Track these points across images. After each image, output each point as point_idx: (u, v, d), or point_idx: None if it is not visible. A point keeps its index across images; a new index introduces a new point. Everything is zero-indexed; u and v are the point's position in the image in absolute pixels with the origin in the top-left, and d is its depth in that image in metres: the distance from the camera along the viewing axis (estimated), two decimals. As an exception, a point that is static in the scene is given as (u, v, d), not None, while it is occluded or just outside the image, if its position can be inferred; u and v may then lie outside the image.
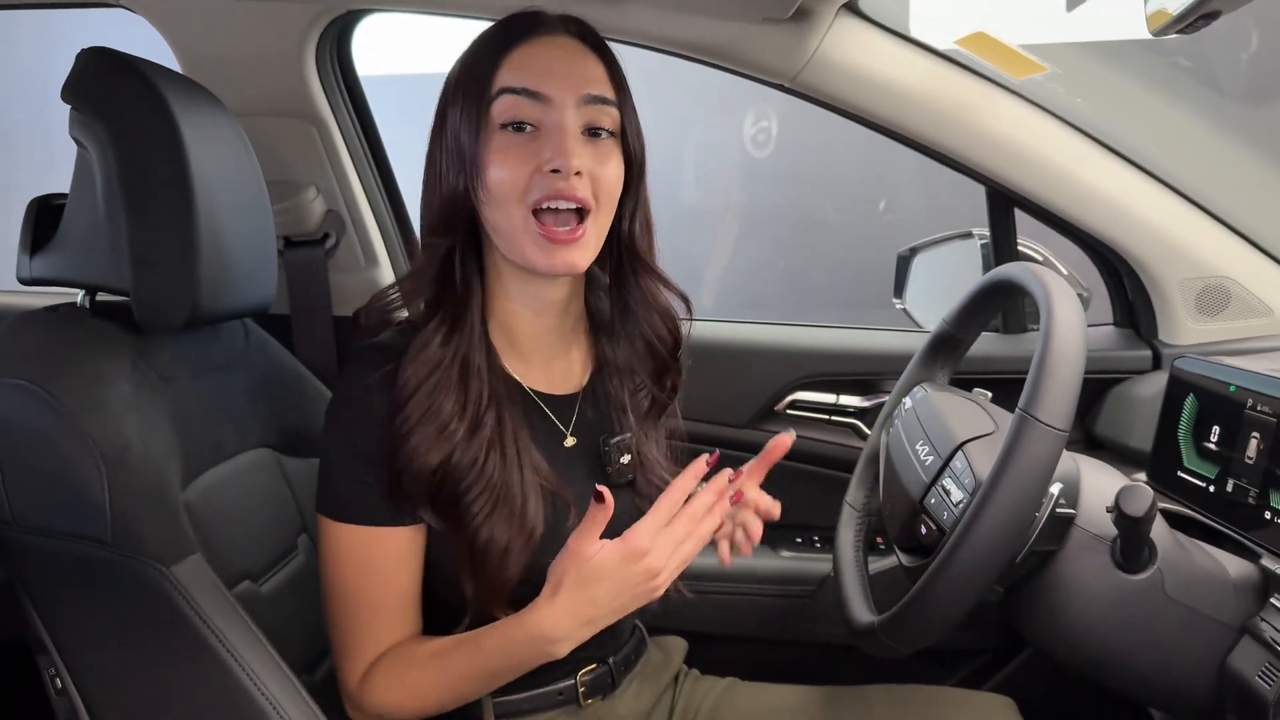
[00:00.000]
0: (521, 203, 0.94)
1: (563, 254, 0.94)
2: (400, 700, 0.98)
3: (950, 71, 1.40)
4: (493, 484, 0.96)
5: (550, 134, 0.94)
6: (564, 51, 0.97)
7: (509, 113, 0.94)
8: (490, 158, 0.94)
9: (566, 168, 0.92)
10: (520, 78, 0.94)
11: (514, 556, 0.96)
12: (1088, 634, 1.00)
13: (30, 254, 1.10)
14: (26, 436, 0.95)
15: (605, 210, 0.98)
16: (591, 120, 0.96)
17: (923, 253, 1.70)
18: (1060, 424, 0.90)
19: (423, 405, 0.95)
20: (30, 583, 0.97)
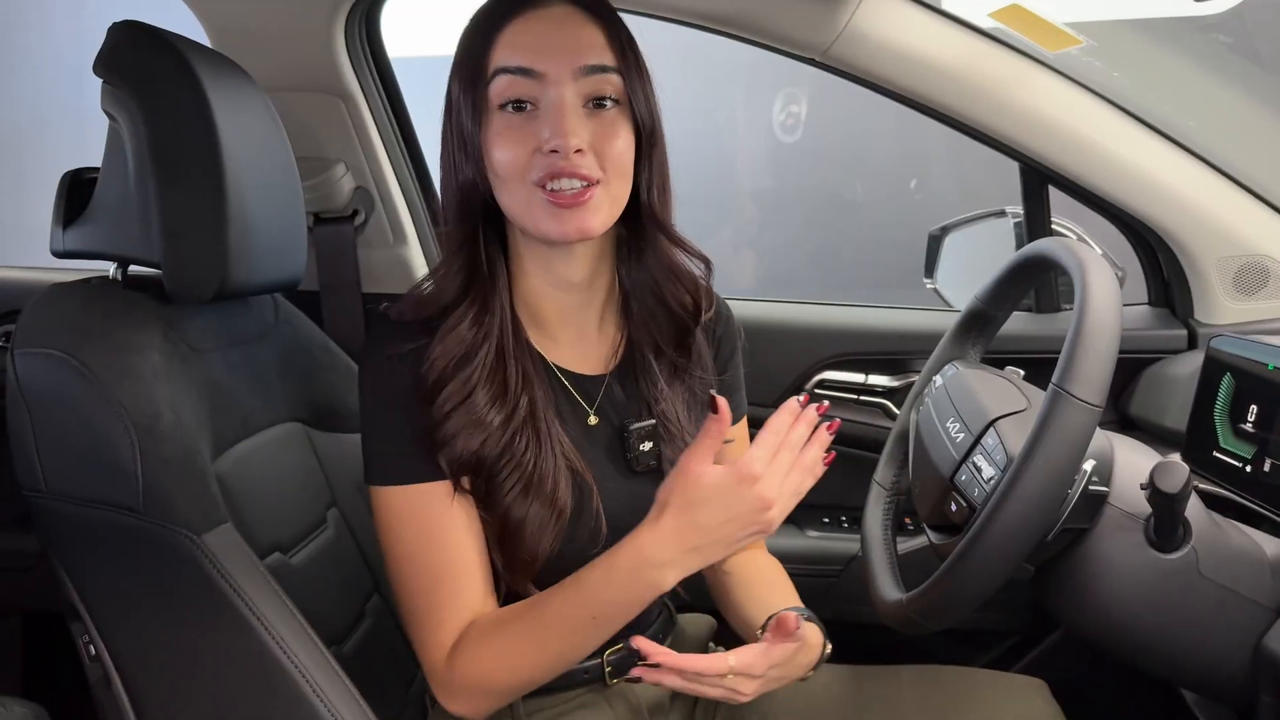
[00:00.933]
0: (525, 181, 0.92)
1: (574, 219, 0.92)
2: (498, 665, 0.94)
3: (984, 45, 1.38)
4: (524, 465, 0.95)
5: (548, 112, 0.91)
6: (557, 23, 0.93)
7: (505, 93, 0.92)
8: (491, 140, 0.93)
9: (565, 148, 0.90)
10: (513, 55, 0.92)
11: (544, 535, 0.96)
12: (1120, 613, 0.99)
13: (63, 227, 1.11)
14: (59, 405, 0.96)
15: (616, 180, 0.95)
16: (593, 91, 0.93)
17: (954, 232, 1.69)
18: (1095, 399, 0.89)
19: (459, 394, 0.94)
20: (63, 550, 0.98)
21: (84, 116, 3.81)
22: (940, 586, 0.97)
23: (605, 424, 1.05)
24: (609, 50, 0.94)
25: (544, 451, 0.97)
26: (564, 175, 0.91)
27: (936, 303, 1.69)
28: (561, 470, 0.97)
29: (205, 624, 0.95)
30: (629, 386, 1.07)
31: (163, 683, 0.97)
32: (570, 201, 0.91)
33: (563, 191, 0.91)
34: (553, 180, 0.91)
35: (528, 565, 0.96)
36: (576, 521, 0.98)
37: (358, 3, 1.48)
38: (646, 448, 1.04)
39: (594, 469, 1.01)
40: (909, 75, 1.38)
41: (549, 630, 0.92)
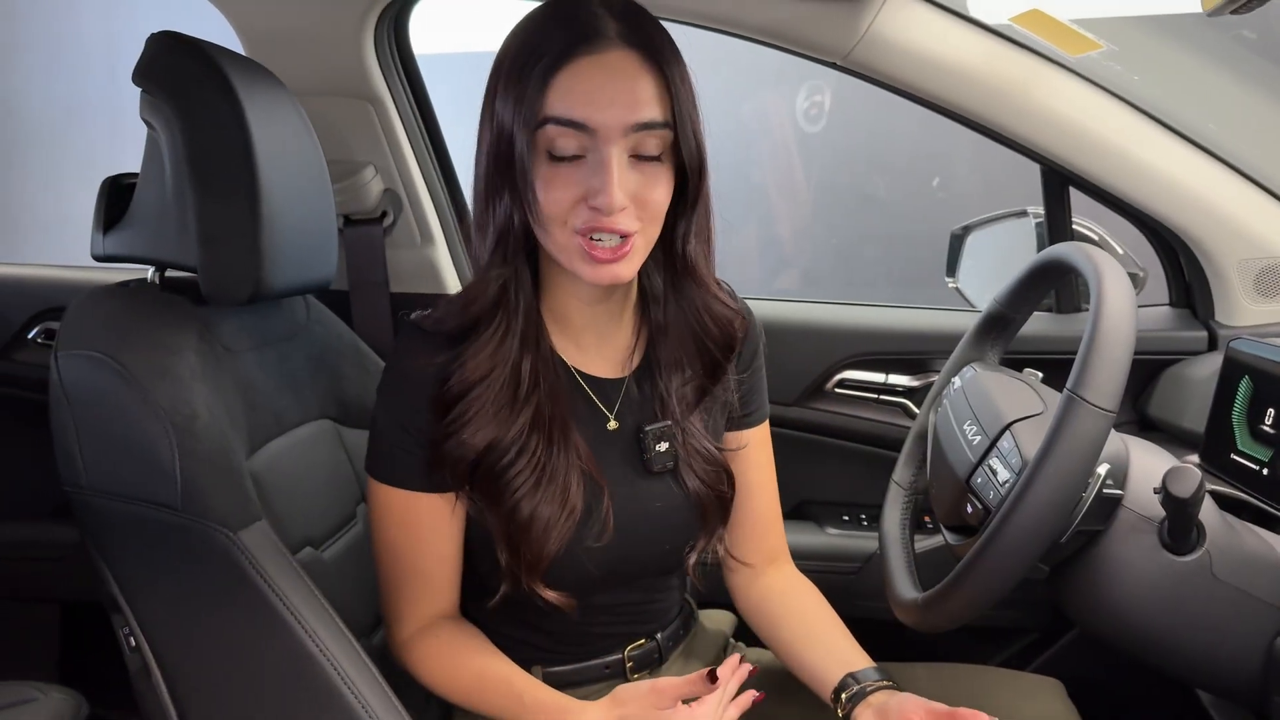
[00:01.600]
0: (566, 226, 0.93)
1: (609, 269, 0.94)
2: (436, 684, 1.05)
3: (1005, 49, 1.39)
4: (536, 462, 0.98)
5: (596, 166, 0.91)
6: (613, 73, 0.91)
7: (555, 143, 0.91)
8: (537, 183, 0.93)
9: (610, 207, 0.90)
10: (567, 106, 0.90)
11: (554, 533, 0.98)
12: (1134, 614, 1.00)
13: (103, 232, 1.14)
14: (100, 405, 1.00)
15: (652, 225, 0.96)
16: (638, 147, 0.92)
17: (976, 231, 1.70)
18: (1108, 405, 0.90)
19: (479, 402, 0.98)
20: (104, 544, 1.02)
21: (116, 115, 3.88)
22: (955, 587, 0.99)
23: (623, 427, 1.07)
24: (659, 104, 0.92)
25: (556, 451, 0.99)
26: (605, 230, 0.92)
27: (958, 301, 1.70)
28: (574, 471, 1.00)
29: (241, 617, 0.98)
30: (646, 387, 1.09)
31: (200, 673, 1.00)
32: (609, 256, 0.93)
33: (602, 244, 0.92)
34: (593, 233, 0.92)
35: (535, 564, 0.99)
36: (585, 521, 1.00)
37: (386, 8, 1.51)
38: (663, 448, 1.06)
39: (610, 471, 1.03)
40: (930, 79, 1.39)
41: (482, 700, 1.02)
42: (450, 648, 1.05)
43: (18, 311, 1.74)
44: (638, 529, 1.04)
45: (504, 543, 1.00)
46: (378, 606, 1.26)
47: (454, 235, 1.71)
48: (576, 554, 1.00)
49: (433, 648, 1.05)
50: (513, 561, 0.99)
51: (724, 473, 1.10)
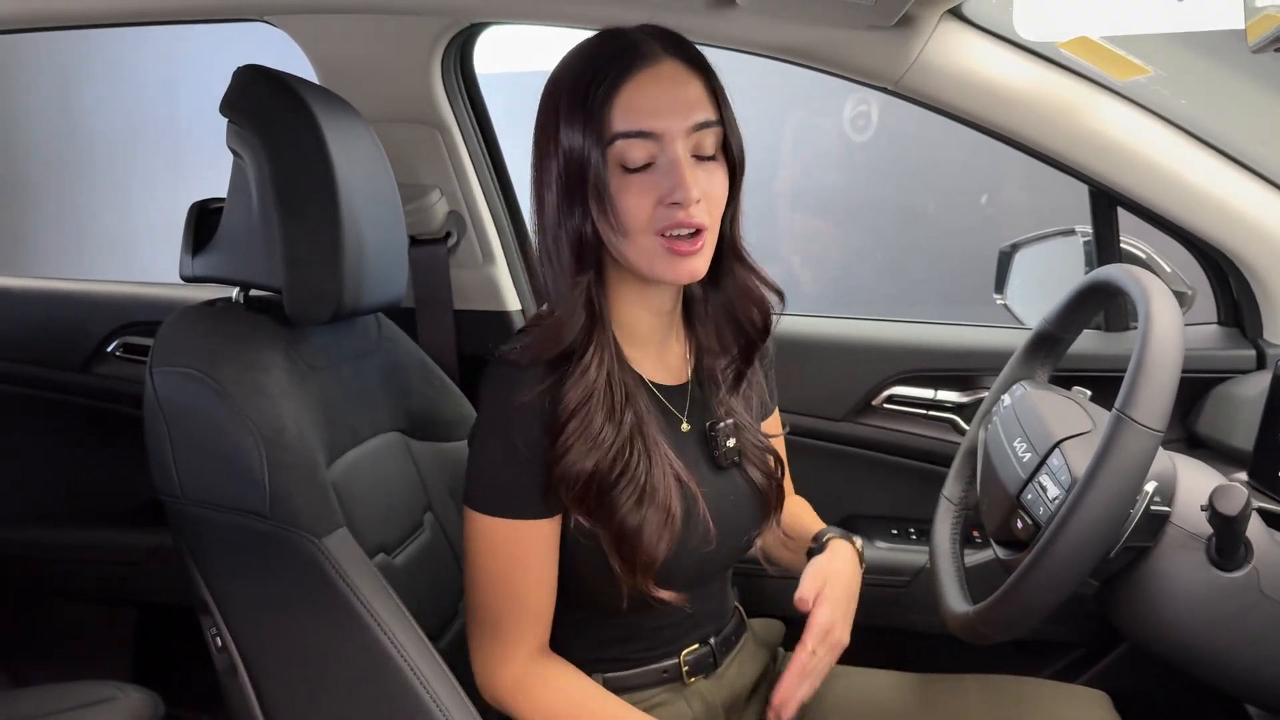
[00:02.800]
0: (647, 231, 0.99)
1: (687, 265, 1.00)
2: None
3: (1054, 74, 1.42)
4: (638, 477, 1.03)
5: (667, 169, 0.98)
6: (668, 82, 0.99)
7: (627, 156, 0.98)
8: (615, 196, 0.99)
9: (687, 200, 0.97)
10: (632, 120, 0.97)
11: (660, 540, 1.03)
12: (1182, 629, 1.02)
13: (192, 254, 1.21)
14: (195, 419, 1.06)
15: (716, 220, 1.03)
16: (698, 146, 1.00)
17: (1024, 249, 1.71)
18: (1156, 424, 0.92)
19: (581, 424, 1.01)
20: (196, 550, 1.08)
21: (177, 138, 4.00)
22: (1006, 600, 1.01)
23: (695, 430, 1.13)
24: (709, 104, 1.01)
25: (654, 462, 1.04)
26: (683, 225, 0.98)
27: (1006, 318, 1.72)
28: (670, 478, 1.05)
29: (324, 619, 1.03)
30: (703, 391, 1.15)
31: (284, 672, 1.06)
32: (687, 250, 0.99)
33: (680, 239, 0.99)
34: (673, 229, 0.99)
35: (648, 568, 1.03)
36: (687, 525, 1.05)
37: (454, 39, 1.57)
38: (730, 444, 1.13)
39: (692, 472, 1.08)
40: (980, 103, 1.42)
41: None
42: (564, 691, 1.08)
43: (99, 326, 1.82)
44: (725, 523, 1.10)
45: (615, 554, 1.04)
46: (444, 611, 1.32)
47: (514, 255, 1.76)
48: (684, 556, 1.05)
49: (545, 690, 1.07)
50: (625, 570, 1.04)
51: (775, 458, 1.17)
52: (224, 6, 1.53)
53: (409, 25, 1.53)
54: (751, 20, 1.38)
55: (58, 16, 1.57)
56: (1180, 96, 1.45)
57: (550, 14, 1.49)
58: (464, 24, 1.54)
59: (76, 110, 4.23)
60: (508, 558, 1.05)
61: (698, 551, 1.06)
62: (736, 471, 1.14)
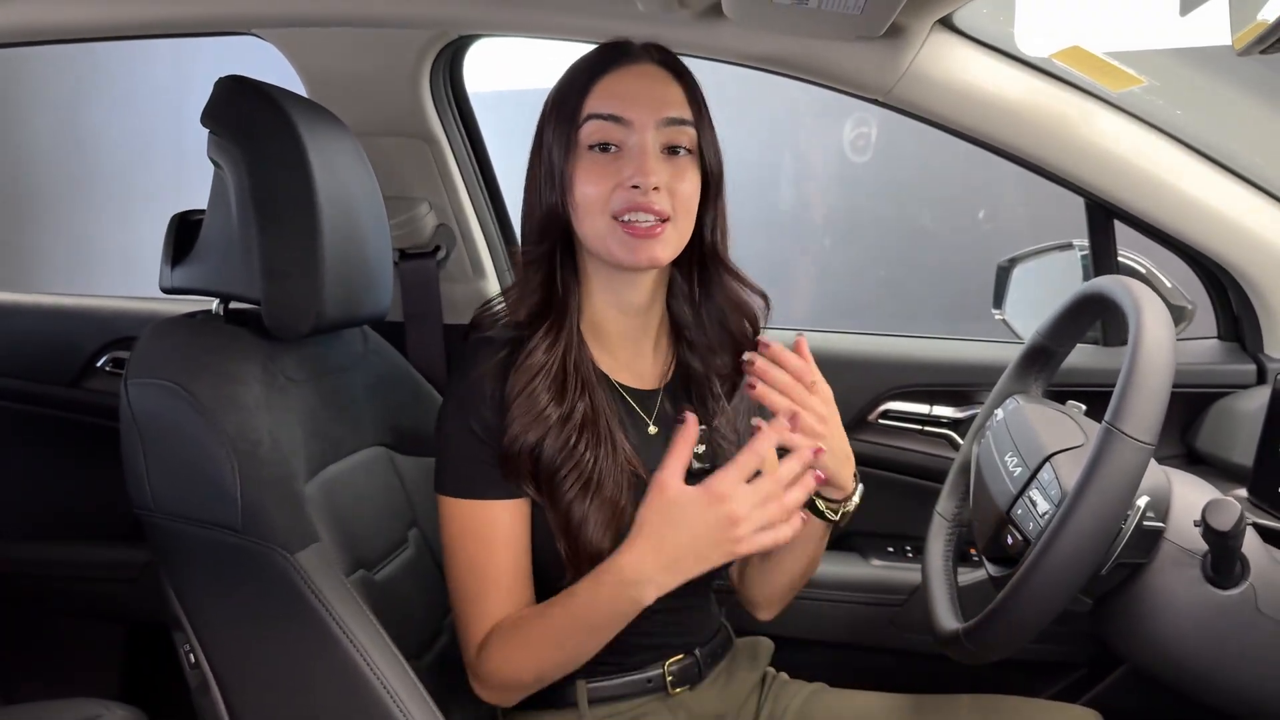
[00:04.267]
0: (605, 213, 1.03)
1: (645, 249, 1.03)
2: (513, 662, 1.03)
3: (1047, 84, 1.40)
4: (583, 465, 1.04)
5: (631, 154, 1.03)
6: (646, 79, 1.06)
7: (595, 135, 1.04)
8: (578, 175, 1.04)
9: (645, 184, 1.01)
10: (606, 104, 1.04)
11: (604, 530, 1.03)
12: (1178, 648, 1.00)
13: (171, 265, 1.20)
14: (169, 431, 1.05)
15: (683, 218, 1.06)
16: (669, 140, 1.05)
17: (1022, 263, 1.70)
18: (1146, 437, 0.91)
19: (528, 392, 1.04)
20: (169, 564, 1.07)
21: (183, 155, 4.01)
22: (994, 618, 1.00)
23: (662, 434, 1.13)
24: (686, 106, 1.07)
25: (604, 453, 1.05)
26: (640, 209, 1.02)
27: (1004, 333, 1.71)
28: (623, 473, 1.06)
29: (296, 636, 1.02)
30: (680, 398, 1.16)
31: (256, 690, 1.04)
32: (644, 234, 1.02)
33: (638, 224, 1.02)
34: (630, 213, 1.02)
35: (592, 558, 1.03)
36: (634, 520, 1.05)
37: (442, 52, 1.56)
38: (701, 450, 1.12)
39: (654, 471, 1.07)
40: (973, 114, 1.41)
41: (557, 635, 1.02)
42: (510, 620, 1.05)
43: (89, 341, 1.81)
44: None
45: (563, 538, 1.05)
46: (427, 629, 1.30)
47: (504, 268, 1.75)
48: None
49: (496, 634, 1.05)
50: (570, 557, 1.04)
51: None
52: (212, 20, 1.53)
53: (397, 38, 1.53)
54: (741, 32, 1.38)
55: (48, 31, 1.58)
56: (1176, 107, 1.44)
57: (538, 26, 1.49)
58: (452, 37, 1.54)
59: (84, 128, 4.27)
60: (476, 539, 1.06)
61: None
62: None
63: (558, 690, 1.11)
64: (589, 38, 1.43)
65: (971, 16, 1.37)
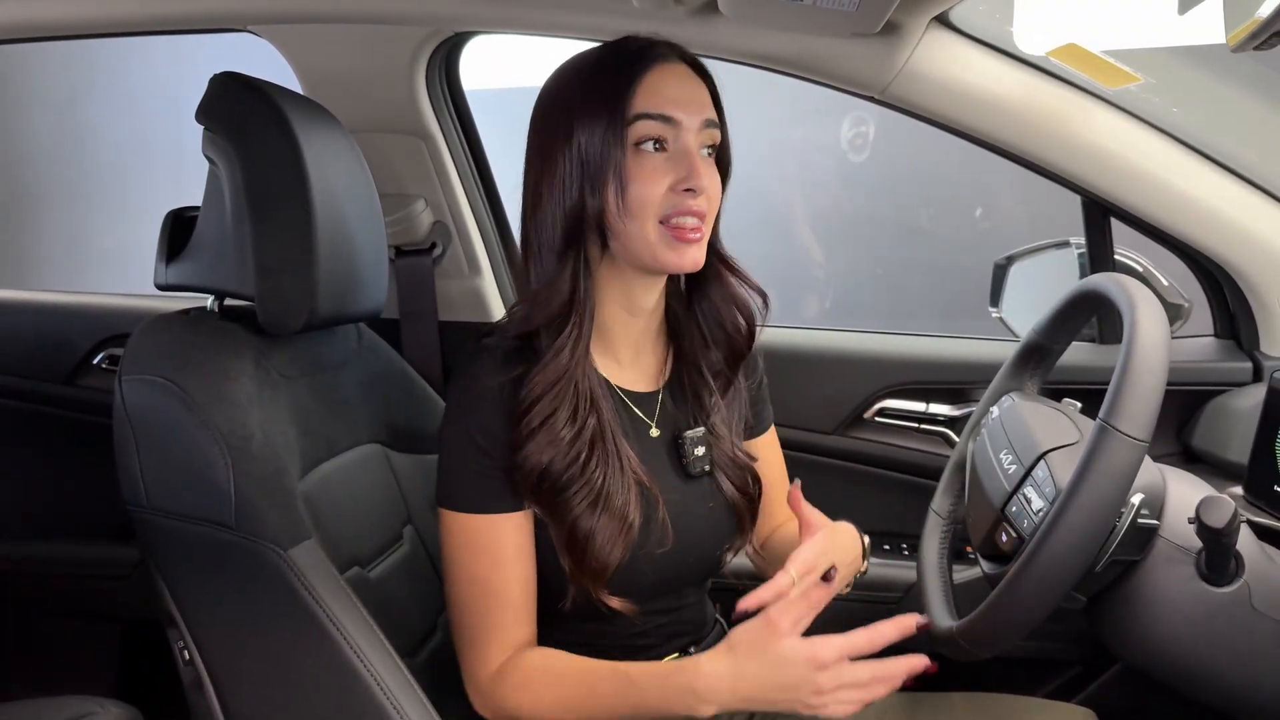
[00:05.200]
0: (654, 216, 1.02)
1: (690, 252, 1.03)
2: (542, 706, 1.02)
3: (1043, 82, 1.40)
4: (593, 481, 1.02)
5: (680, 156, 1.02)
6: (685, 80, 1.05)
7: (644, 136, 1.02)
8: (631, 174, 1.01)
9: (699, 187, 1.02)
10: (655, 103, 1.02)
11: (614, 546, 1.02)
12: (1172, 645, 1.00)
13: (166, 262, 1.20)
14: (161, 427, 1.05)
15: (712, 218, 1.07)
16: (706, 141, 1.05)
17: (1019, 262, 1.70)
18: (1140, 434, 0.91)
19: (544, 412, 1.02)
20: (162, 561, 1.06)
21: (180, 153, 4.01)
22: (988, 615, 1.00)
23: (663, 435, 1.13)
24: (713, 107, 1.07)
25: (613, 469, 1.03)
26: (690, 214, 1.02)
27: (1001, 332, 1.71)
28: (631, 486, 1.04)
29: (289, 633, 1.01)
30: (678, 399, 1.16)
31: (250, 686, 1.04)
32: (690, 237, 1.03)
33: (685, 228, 1.02)
34: (678, 216, 1.02)
35: (599, 574, 1.02)
36: (646, 529, 1.05)
37: (438, 49, 1.56)
38: (700, 452, 1.12)
39: (658, 479, 1.08)
40: (968, 112, 1.41)
41: (593, 701, 1.00)
42: (545, 661, 1.04)
43: (84, 338, 1.81)
44: (691, 532, 1.09)
45: (566, 554, 1.03)
46: (422, 626, 1.30)
47: (500, 265, 1.75)
48: (639, 561, 1.04)
49: (525, 670, 1.03)
50: (576, 571, 1.03)
51: (751, 475, 1.16)
52: (208, 16, 1.53)
53: (393, 35, 1.52)
54: (735, 29, 1.37)
55: (45, 27, 1.57)
56: (1172, 104, 1.43)
57: (534, 24, 1.48)
58: (448, 34, 1.54)
59: (82, 126, 4.27)
60: (481, 553, 1.03)
61: (654, 555, 1.05)
62: (708, 481, 1.13)
63: None
64: (585, 35, 1.43)
65: (967, 14, 1.36)
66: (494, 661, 1.04)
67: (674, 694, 0.95)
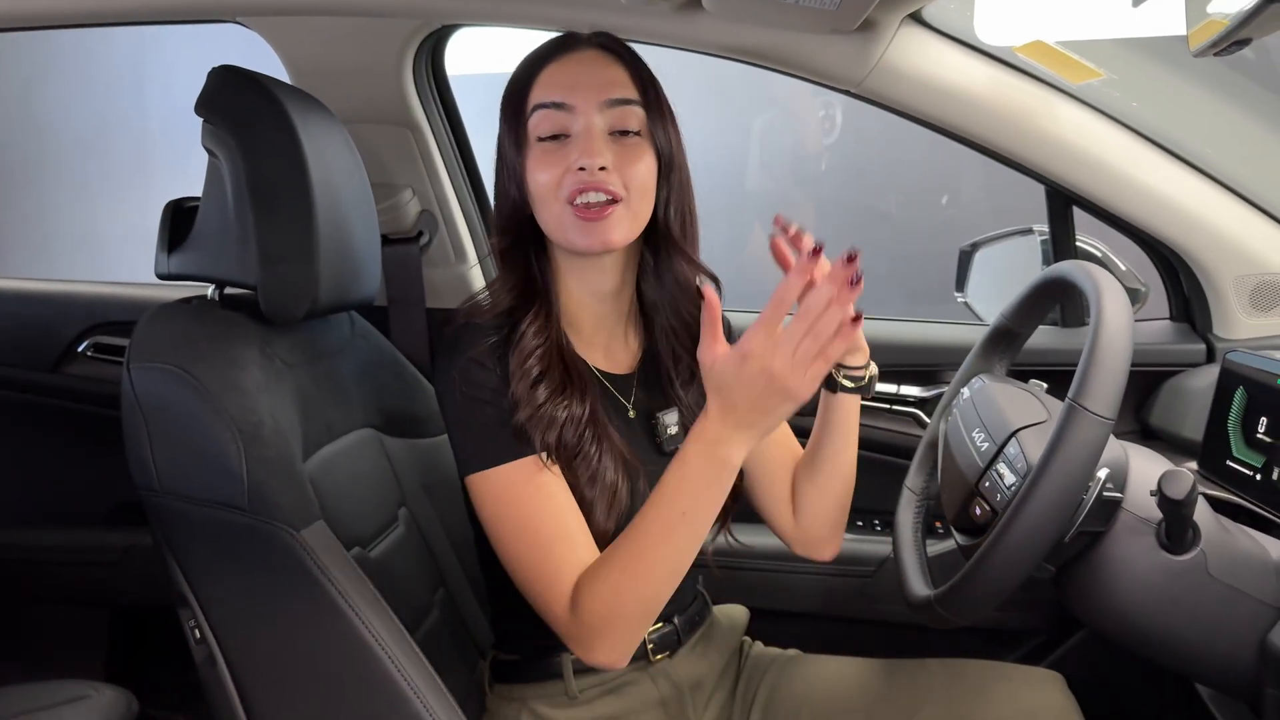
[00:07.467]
0: (558, 199, 1.05)
1: (598, 231, 1.05)
2: (614, 597, 0.97)
3: (1011, 77, 1.46)
4: (590, 458, 1.07)
5: (578, 138, 1.05)
6: (587, 63, 1.08)
7: (542, 126, 1.06)
8: (531, 166, 1.07)
9: (591, 165, 1.03)
10: (548, 93, 1.06)
11: (606, 514, 1.07)
12: (1134, 611, 1.05)
13: (168, 252, 1.22)
14: (173, 414, 1.07)
15: (637, 198, 1.07)
16: (617, 122, 1.06)
17: (984, 248, 1.75)
18: (1107, 413, 0.96)
19: (533, 394, 1.04)
20: (174, 543, 1.09)
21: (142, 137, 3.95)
22: (965, 584, 1.04)
23: (640, 415, 1.18)
24: (632, 86, 1.08)
25: (604, 449, 1.08)
26: (590, 189, 1.04)
27: (967, 316, 1.76)
28: (618, 460, 1.09)
29: (303, 610, 1.05)
30: (651, 381, 1.20)
31: (262, 661, 1.07)
32: (595, 215, 1.04)
33: (589, 205, 1.04)
34: (580, 195, 1.04)
35: (599, 538, 1.06)
36: (632, 498, 1.09)
37: (425, 41, 1.59)
38: (674, 431, 1.18)
39: (639, 454, 1.13)
40: (940, 106, 1.46)
41: (650, 540, 0.97)
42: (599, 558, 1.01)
43: (69, 326, 1.82)
44: None
45: None
46: (418, 604, 1.33)
47: (486, 253, 1.78)
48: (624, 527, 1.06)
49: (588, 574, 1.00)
50: None
51: None
52: (196, 8, 1.54)
53: (381, 27, 1.55)
54: (717, 24, 1.41)
55: (25, 17, 1.57)
56: (1131, 99, 1.50)
57: (520, 17, 1.51)
58: (435, 26, 1.56)
59: (41, 110, 4.19)
60: (523, 500, 1.03)
61: None
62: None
63: (544, 662, 1.16)
64: (570, 28, 1.45)
65: (940, 11, 1.42)
66: (568, 595, 1.01)
67: (700, 462, 0.94)
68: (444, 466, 1.41)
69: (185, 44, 3.29)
